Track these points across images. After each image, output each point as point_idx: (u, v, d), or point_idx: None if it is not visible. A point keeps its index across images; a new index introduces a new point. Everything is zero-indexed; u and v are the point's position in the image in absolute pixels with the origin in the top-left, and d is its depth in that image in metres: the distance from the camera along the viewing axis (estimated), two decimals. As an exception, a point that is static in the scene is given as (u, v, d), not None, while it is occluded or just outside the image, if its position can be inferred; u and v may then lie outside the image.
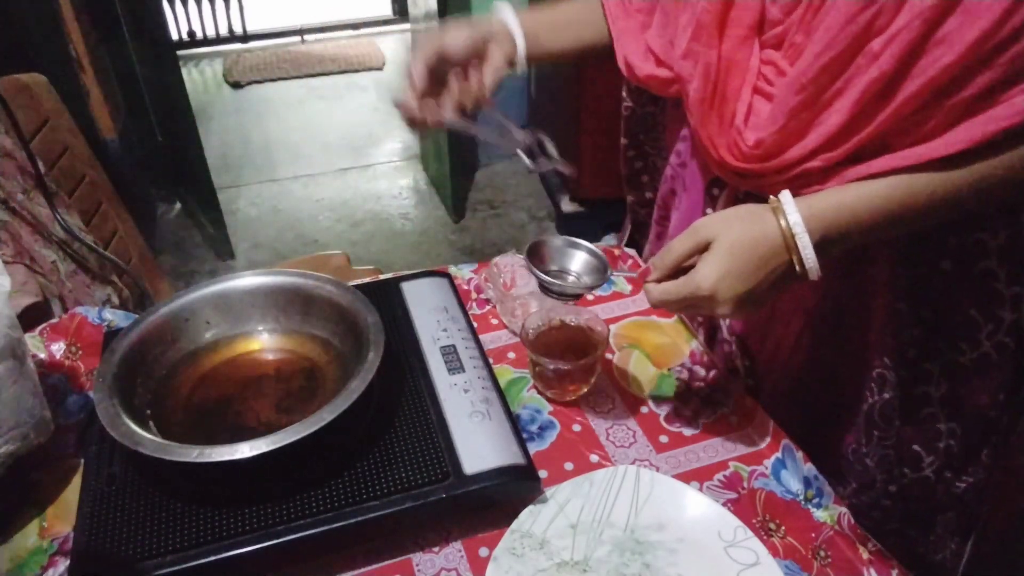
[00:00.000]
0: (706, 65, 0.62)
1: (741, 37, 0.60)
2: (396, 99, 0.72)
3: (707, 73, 0.62)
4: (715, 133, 0.64)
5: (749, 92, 0.61)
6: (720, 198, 0.73)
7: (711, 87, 0.62)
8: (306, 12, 4.43)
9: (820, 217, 0.56)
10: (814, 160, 0.58)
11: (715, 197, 0.73)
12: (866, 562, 0.59)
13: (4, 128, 1.02)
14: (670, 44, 0.68)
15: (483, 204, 2.78)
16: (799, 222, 0.55)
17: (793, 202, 0.56)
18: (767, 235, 0.56)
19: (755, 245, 0.56)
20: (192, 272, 2.45)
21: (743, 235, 0.56)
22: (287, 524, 0.57)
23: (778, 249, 0.56)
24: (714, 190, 0.73)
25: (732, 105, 0.62)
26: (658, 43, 0.70)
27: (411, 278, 0.85)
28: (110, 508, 0.59)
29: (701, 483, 0.66)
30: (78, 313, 0.82)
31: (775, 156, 0.60)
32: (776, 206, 0.57)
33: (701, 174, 0.74)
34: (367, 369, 0.63)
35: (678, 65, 0.65)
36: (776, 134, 0.59)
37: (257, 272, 0.76)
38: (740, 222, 0.57)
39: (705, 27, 0.61)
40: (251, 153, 3.20)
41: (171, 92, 2.26)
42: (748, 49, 0.60)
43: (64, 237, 1.07)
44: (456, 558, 0.60)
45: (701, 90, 0.63)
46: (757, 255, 0.56)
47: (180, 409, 0.68)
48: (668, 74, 0.69)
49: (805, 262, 0.56)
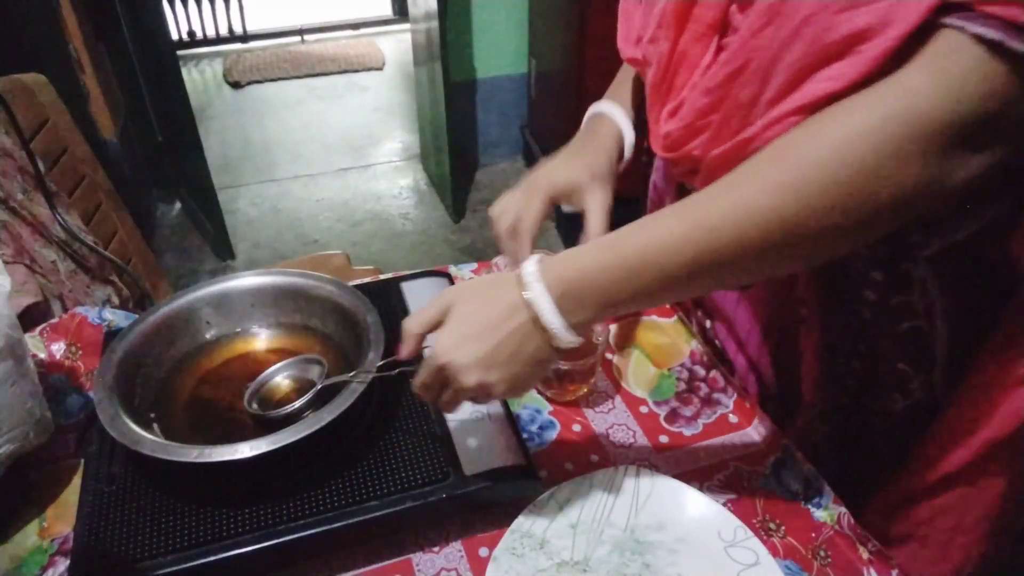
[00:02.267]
0: (662, 54, 0.62)
1: (699, 33, 0.59)
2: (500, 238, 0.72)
3: (661, 62, 0.62)
4: (653, 120, 0.65)
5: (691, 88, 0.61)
6: None
7: (660, 75, 0.62)
8: (306, 12, 4.43)
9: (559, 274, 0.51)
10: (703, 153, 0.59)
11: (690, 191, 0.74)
12: (866, 562, 0.59)
13: (4, 128, 1.02)
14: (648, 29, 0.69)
15: (483, 204, 2.78)
16: (532, 272, 0.51)
17: (533, 260, 0.52)
18: (502, 295, 0.52)
19: (489, 304, 0.53)
20: (192, 272, 2.45)
21: (477, 296, 0.54)
22: (287, 524, 0.57)
23: (515, 307, 0.51)
24: None
25: (677, 96, 0.62)
26: (642, 26, 0.70)
27: (411, 278, 0.85)
28: (110, 508, 0.59)
29: (701, 483, 0.66)
30: (78, 313, 0.82)
31: (679, 149, 0.61)
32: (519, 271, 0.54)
33: None
34: (367, 369, 0.63)
35: (644, 49, 0.66)
36: (682, 129, 0.60)
37: (257, 272, 0.77)
38: (479, 285, 0.55)
39: (668, 16, 0.60)
40: (251, 153, 3.20)
41: (171, 92, 2.26)
42: (704, 46, 0.59)
43: (64, 237, 1.07)
44: (456, 558, 0.60)
45: (655, 77, 0.63)
46: (493, 314, 0.52)
47: (180, 409, 0.68)
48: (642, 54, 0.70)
49: (546, 324, 0.51)
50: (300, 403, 0.63)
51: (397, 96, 3.65)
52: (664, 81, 0.62)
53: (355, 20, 4.42)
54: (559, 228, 2.58)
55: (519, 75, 2.79)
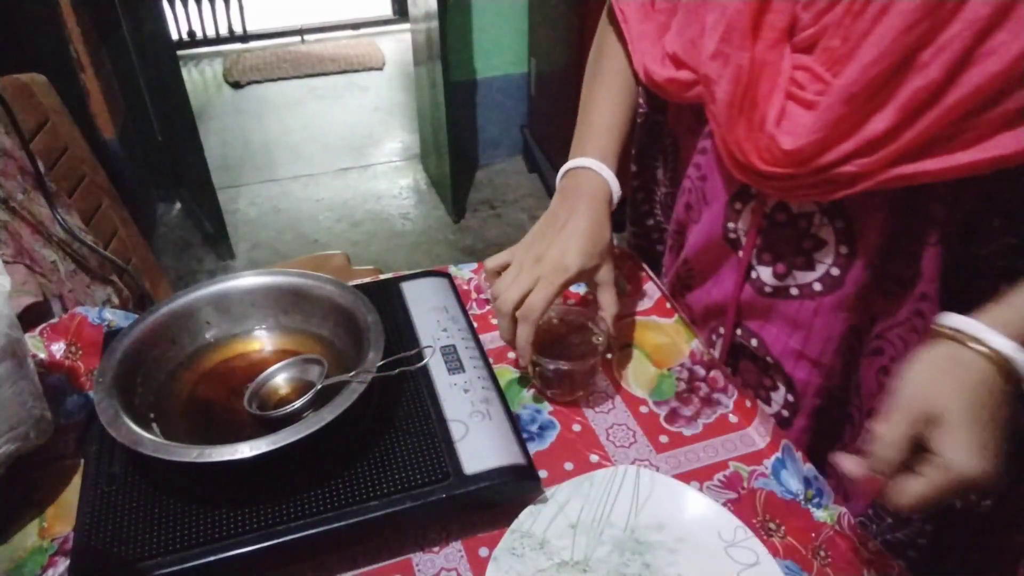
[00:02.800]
0: (737, 67, 0.60)
1: (774, 40, 0.58)
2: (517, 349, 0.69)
3: (738, 76, 0.60)
4: (743, 137, 0.62)
5: (781, 96, 0.59)
6: (744, 212, 0.70)
7: (742, 90, 0.60)
8: (306, 12, 4.43)
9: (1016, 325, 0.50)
10: (848, 165, 0.56)
11: (738, 211, 0.71)
12: (866, 562, 0.59)
13: (4, 128, 1.02)
14: (692, 45, 0.66)
15: (483, 204, 2.78)
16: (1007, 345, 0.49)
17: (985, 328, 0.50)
18: (985, 379, 0.49)
19: (987, 397, 0.49)
20: (192, 272, 2.45)
21: (971, 394, 0.48)
22: (287, 524, 0.57)
23: (999, 385, 0.49)
24: (736, 204, 0.71)
25: (763, 109, 0.60)
26: (678, 44, 0.68)
27: (411, 278, 0.85)
28: (110, 508, 0.59)
29: (701, 483, 0.66)
30: (78, 313, 0.82)
31: (810, 161, 0.58)
32: (959, 336, 0.50)
33: (724, 187, 0.71)
34: (367, 369, 0.63)
35: (705, 66, 0.63)
36: (816, 142, 0.57)
37: (257, 272, 0.76)
38: (952, 379, 0.49)
39: (737, 29, 0.59)
40: (251, 153, 3.20)
41: (171, 92, 2.26)
42: (780, 52, 0.59)
43: (64, 237, 1.07)
44: (456, 558, 0.60)
45: (730, 93, 0.61)
46: (993, 406, 0.49)
47: (180, 409, 0.68)
48: (689, 76, 0.67)
49: None
50: (300, 403, 0.63)
51: (397, 96, 3.65)
52: (746, 96, 0.60)
53: (355, 20, 4.42)
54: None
55: (519, 75, 2.79)
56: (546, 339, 0.73)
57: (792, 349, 0.72)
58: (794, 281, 0.69)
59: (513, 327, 0.68)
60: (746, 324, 0.76)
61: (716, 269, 0.77)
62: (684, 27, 0.67)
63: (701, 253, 0.77)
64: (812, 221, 0.65)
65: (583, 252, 0.69)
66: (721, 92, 0.62)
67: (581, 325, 0.75)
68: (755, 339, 0.75)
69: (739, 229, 0.71)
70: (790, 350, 0.72)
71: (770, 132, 0.59)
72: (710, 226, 0.75)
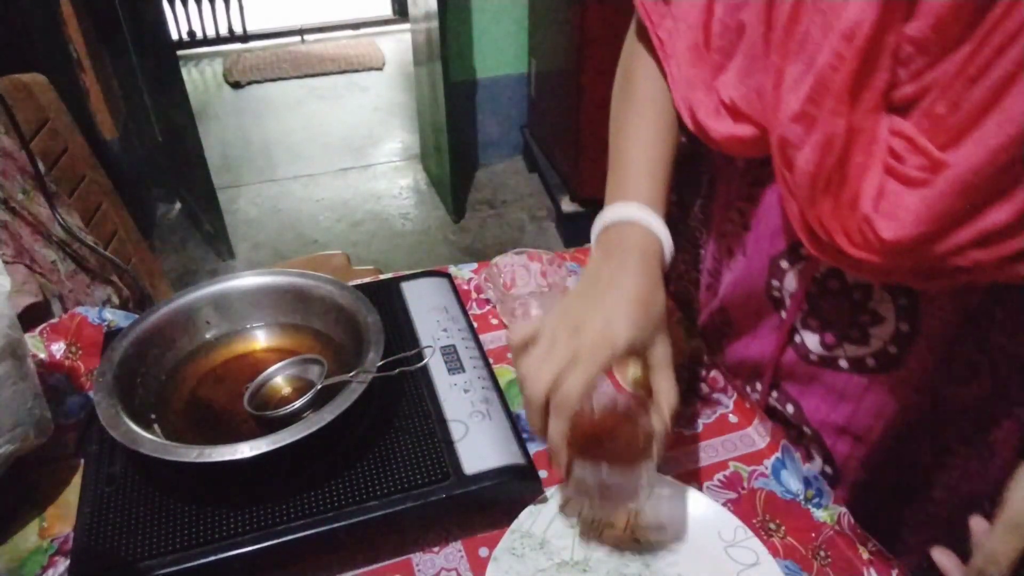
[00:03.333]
0: (829, 136, 0.48)
1: (873, 104, 0.48)
2: None
3: (828, 145, 0.49)
4: (829, 215, 0.51)
5: (879, 171, 0.49)
6: (791, 272, 0.62)
7: (832, 162, 0.49)
8: (306, 12, 4.43)
9: None
10: (958, 258, 0.47)
11: (784, 270, 0.63)
12: (866, 562, 0.59)
13: (4, 128, 1.02)
14: (758, 96, 0.55)
15: (483, 204, 2.78)
16: None
17: None
18: None
19: None
20: (192, 272, 2.45)
21: None
22: (287, 524, 0.57)
23: None
24: (783, 262, 0.62)
25: (856, 185, 0.49)
26: (739, 92, 0.57)
27: (411, 278, 0.85)
28: (110, 508, 0.59)
29: (701, 483, 0.66)
30: (78, 313, 0.82)
31: (914, 253, 0.48)
32: None
33: (771, 242, 0.63)
34: (367, 369, 0.63)
35: (783, 127, 0.52)
36: (924, 234, 0.47)
37: (257, 272, 0.77)
38: None
39: (831, 89, 0.47)
40: (251, 153, 3.21)
41: (171, 92, 2.26)
42: (877, 117, 0.48)
43: (64, 237, 1.07)
44: (456, 558, 0.60)
45: (816, 164, 0.50)
46: None
47: (180, 409, 0.68)
48: (752, 132, 0.57)
49: None
50: (300, 403, 0.63)
51: (397, 96, 3.65)
52: (837, 168, 0.49)
53: (355, 20, 4.42)
54: (559, 228, 2.58)
55: (519, 75, 2.79)
56: (583, 434, 0.56)
57: (834, 423, 0.65)
58: (843, 353, 0.61)
59: (544, 419, 0.52)
60: (784, 387, 0.69)
61: (755, 325, 0.69)
62: (748, 73, 0.56)
63: (739, 305, 0.70)
64: (871, 295, 0.58)
65: (633, 322, 0.53)
66: (804, 161, 0.51)
67: (628, 415, 0.58)
68: (792, 405, 0.69)
69: (784, 289, 0.64)
70: (831, 424, 0.65)
71: (865, 214, 0.49)
72: (751, 279, 0.67)
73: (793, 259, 0.62)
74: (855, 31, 0.45)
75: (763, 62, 0.54)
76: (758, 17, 0.53)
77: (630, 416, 0.57)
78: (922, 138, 0.47)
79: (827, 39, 0.47)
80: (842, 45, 0.46)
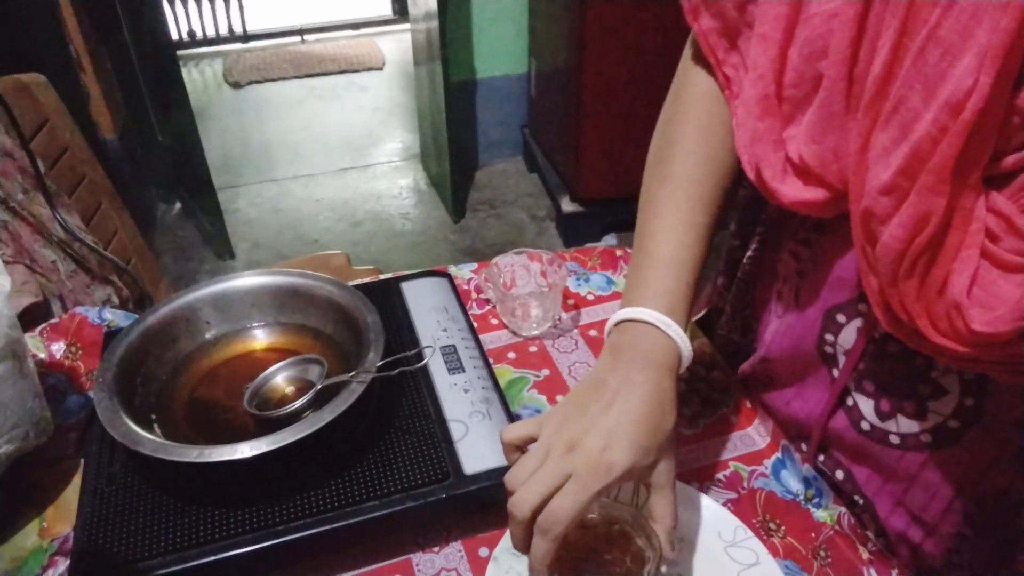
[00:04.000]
0: (923, 213, 0.42)
1: (974, 181, 0.42)
2: None
3: (922, 223, 0.43)
4: (913, 298, 0.45)
5: (975, 255, 0.43)
6: (847, 327, 0.57)
7: (924, 241, 0.43)
8: (306, 12, 4.43)
9: None
10: None
11: (840, 324, 0.58)
12: (866, 562, 0.59)
13: (4, 128, 1.02)
14: (833, 156, 0.49)
15: (483, 204, 2.78)
16: None
17: None
18: None
19: None
20: (192, 272, 2.45)
21: None
22: (287, 524, 0.57)
23: None
24: (839, 316, 0.58)
25: (946, 267, 0.44)
26: (810, 150, 0.50)
27: (411, 278, 0.85)
28: (110, 508, 0.59)
29: (701, 483, 0.66)
30: (78, 313, 0.82)
31: (1008, 347, 0.43)
32: None
33: (828, 293, 0.58)
34: (367, 369, 0.63)
35: (869, 199, 0.46)
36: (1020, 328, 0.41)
37: (257, 272, 0.77)
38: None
39: (932, 165, 0.41)
40: (251, 153, 3.20)
41: (171, 92, 2.26)
42: (975, 195, 0.42)
43: (64, 237, 1.07)
44: (456, 558, 0.60)
45: (905, 242, 0.44)
46: None
47: (180, 409, 0.68)
48: (824, 196, 0.51)
49: None
50: (300, 403, 0.63)
51: (397, 96, 3.65)
52: (928, 247, 0.44)
53: (355, 20, 4.42)
54: (559, 228, 2.58)
55: (519, 75, 2.79)
56: (570, 554, 0.53)
57: (890, 493, 0.60)
58: (896, 428, 0.57)
59: (528, 537, 0.49)
60: (834, 453, 0.64)
61: (802, 380, 0.64)
62: (824, 131, 0.49)
63: (786, 358, 0.65)
64: (934, 363, 0.53)
65: (635, 445, 0.49)
66: (890, 238, 0.45)
67: (621, 532, 0.54)
68: (842, 472, 0.63)
69: (838, 346, 0.59)
70: (887, 493, 0.60)
71: (956, 300, 0.44)
72: (802, 331, 0.62)
73: (851, 313, 0.57)
74: (964, 102, 0.39)
75: (842, 120, 0.48)
76: (839, 71, 0.47)
77: (624, 531, 0.54)
78: (1019, 215, 0.42)
79: (928, 107, 0.41)
80: (947, 116, 0.40)
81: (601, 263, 0.94)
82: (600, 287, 0.91)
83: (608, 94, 2.19)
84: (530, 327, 0.83)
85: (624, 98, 2.18)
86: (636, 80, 2.15)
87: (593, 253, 0.95)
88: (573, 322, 0.85)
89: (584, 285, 0.91)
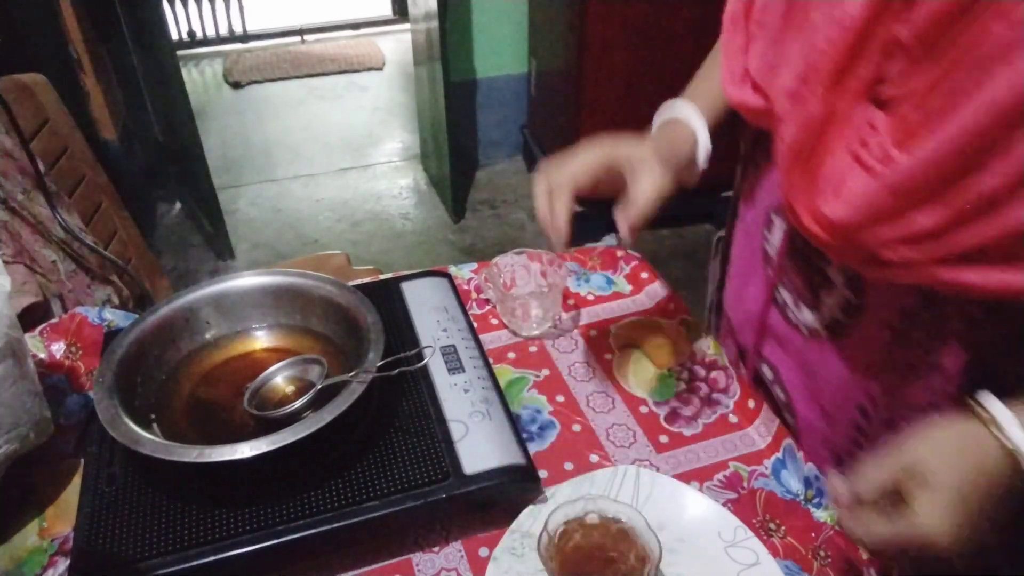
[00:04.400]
0: (809, 115, 0.52)
1: (855, 91, 0.50)
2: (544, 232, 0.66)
3: (808, 124, 0.53)
4: (796, 188, 0.56)
5: (846, 156, 0.52)
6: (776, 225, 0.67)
7: (808, 139, 0.53)
8: (306, 12, 4.42)
9: None
10: (891, 252, 0.51)
11: (772, 222, 0.68)
12: (866, 562, 0.59)
13: (4, 128, 1.02)
14: (770, 71, 0.58)
15: (483, 204, 2.78)
16: None
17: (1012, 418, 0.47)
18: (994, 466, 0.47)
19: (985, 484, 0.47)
20: (192, 272, 2.45)
21: (971, 474, 0.47)
22: (287, 524, 0.57)
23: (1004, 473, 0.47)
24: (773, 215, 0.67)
25: (823, 163, 0.53)
26: (757, 65, 0.61)
27: (411, 278, 0.85)
28: (110, 508, 0.59)
29: (701, 483, 0.66)
30: (78, 313, 0.82)
31: (853, 236, 0.52)
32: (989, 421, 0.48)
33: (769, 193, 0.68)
34: (367, 369, 0.63)
35: (779, 102, 0.56)
36: (859, 222, 0.51)
37: (257, 272, 0.77)
38: (959, 454, 0.48)
39: (819, 71, 0.51)
40: (251, 153, 3.20)
41: (171, 92, 2.26)
42: (855, 106, 0.51)
43: (64, 237, 1.07)
44: (456, 558, 0.60)
45: (795, 141, 0.54)
46: (985, 491, 0.47)
47: (180, 409, 0.68)
48: (759, 103, 0.60)
49: None
50: (300, 403, 0.63)
51: (397, 96, 3.65)
52: (807, 146, 0.53)
53: (355, 20, 4.41)
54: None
55: (519, 75, 2.79)
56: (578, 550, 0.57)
57: (805, 387, 0.69)
58: (802, 319, 0.66)
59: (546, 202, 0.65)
60: (770, 350, 0.73)
61: (750, 277, 0.74)
62: (767, 48, 0.59)
63: (744, 256, 0.75)
64: (825, 258, 0.61)
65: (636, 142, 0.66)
66: (787, 135, 0.55)
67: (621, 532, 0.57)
68: (770, 370, 0.73)
69: (772, 244, 0.68)
70: (803, 386, 0.69)
71: (821, 191, 0.53)
72: (753, 229, 0.72)
73: (780, 211, 0.66)
74: (848, 20, 0.48)
75: (779, 40, 0.57)
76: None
77: (625, 535, 0.56)
78: (888, 135, 0.49)
79: (826, 24, 0.50)
80: (834, 31, 0.49)
81: (601, 263, 0.94)
82: (600, 287, 0.91)
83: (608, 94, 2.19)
84: (530, 327, 0.83)
85: (624, 98, 2.18)
86: (636, 80, 2.15)
87: (593, 253, 0.95)
88: (573, 322, 0.85)
89: (584, 285, 0.91)
